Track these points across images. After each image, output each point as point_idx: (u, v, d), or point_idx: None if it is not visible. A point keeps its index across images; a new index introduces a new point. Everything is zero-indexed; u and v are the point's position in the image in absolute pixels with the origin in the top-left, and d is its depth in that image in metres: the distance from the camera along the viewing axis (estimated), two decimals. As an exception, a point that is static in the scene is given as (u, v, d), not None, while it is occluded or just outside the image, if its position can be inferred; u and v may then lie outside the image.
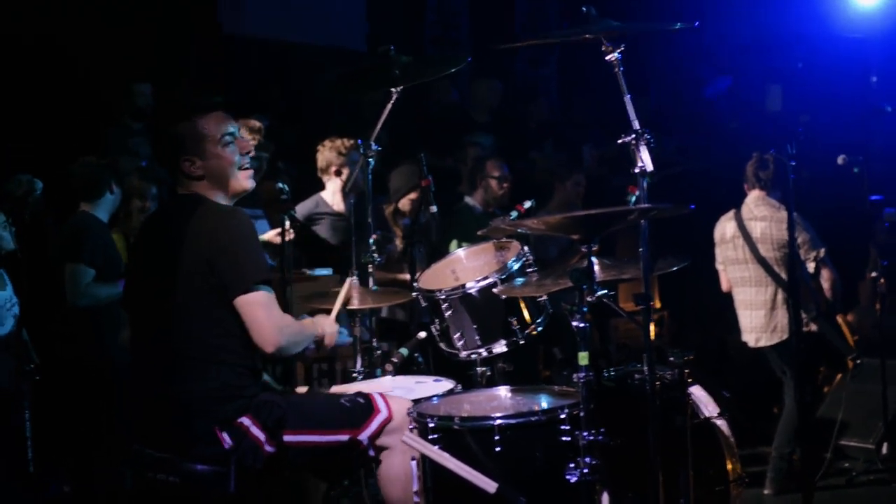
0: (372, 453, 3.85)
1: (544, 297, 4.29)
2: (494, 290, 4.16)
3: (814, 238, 6.37)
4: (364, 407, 3.84)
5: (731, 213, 6.56)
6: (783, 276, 6.30)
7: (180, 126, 3.80)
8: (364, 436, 3.80)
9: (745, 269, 6.45)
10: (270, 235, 6.01)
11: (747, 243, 6.39)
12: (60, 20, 7.43)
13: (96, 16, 7.68)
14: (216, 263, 3.59)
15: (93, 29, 7.59)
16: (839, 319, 6.75)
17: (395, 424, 3.81)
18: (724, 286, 6.67)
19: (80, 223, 6.06)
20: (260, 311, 3.61)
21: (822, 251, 6.39)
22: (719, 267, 6.67)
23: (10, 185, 5.63)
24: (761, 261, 6.35)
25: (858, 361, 6.71)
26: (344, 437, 3.78)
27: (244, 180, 3.89)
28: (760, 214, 6.39)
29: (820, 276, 6.45)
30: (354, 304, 4.85)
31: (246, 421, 3.64)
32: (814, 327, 6.37)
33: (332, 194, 6.62)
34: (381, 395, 3.92)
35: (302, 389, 4.37)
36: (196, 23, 8.84)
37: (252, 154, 3.95)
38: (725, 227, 6.56)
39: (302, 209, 6.54)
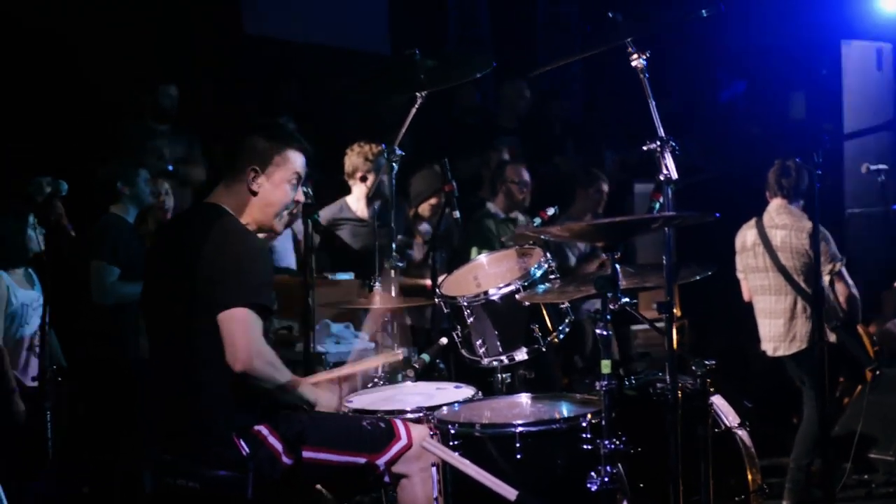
0: (388, 479, 3.84)
1: (566, 305, 4.28)
2: (517, 297, 4.15)
3: (832, 251, 6.33)
4: (384, 432, 3.83)
5: (752, 222, 6.53)
6: (803, 285, 6.27)
7: (272, 143, 3.85)
8: (381, 461, 3.79)
9: (765, 277, 6.42)
10: None
11: (767, 251, 6.36)
12: (80, 20, 7.45)
13: (116, 16, 7.70)
14: (218, 276, 3.59)
15: (113, 29, 7.60)
16: (860, 330, 6.71)
17: (414, 452, 3.80)
18: (746, 295, 6.64)
19: (104, 223, 6.19)
20: (239, 329, 3.55)
21: (839, 265, 6.34)
22: (740, 275, 6.64)
23: (31, 188, 5.66)
24: (781, 269, 6.32)
25: (878, 373, 6.67)
26: (361, 460, 3.77)
27: (279, 224, 3.95)
28: (781, 223, 6.36)
29: (835, 290, 6.41)
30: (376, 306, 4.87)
31: (263, 430, 3.64)
32: (833, 338, 6.34)
33: (356, 200, 6.62)
34: (403, 421, 3.91)
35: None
36: (217, 23, 8.85)
37: (301, 202, 4.05)
38: (746, 236, 6.53)
39: (326, 213, 6.54)
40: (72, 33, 7.36)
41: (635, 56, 3.79)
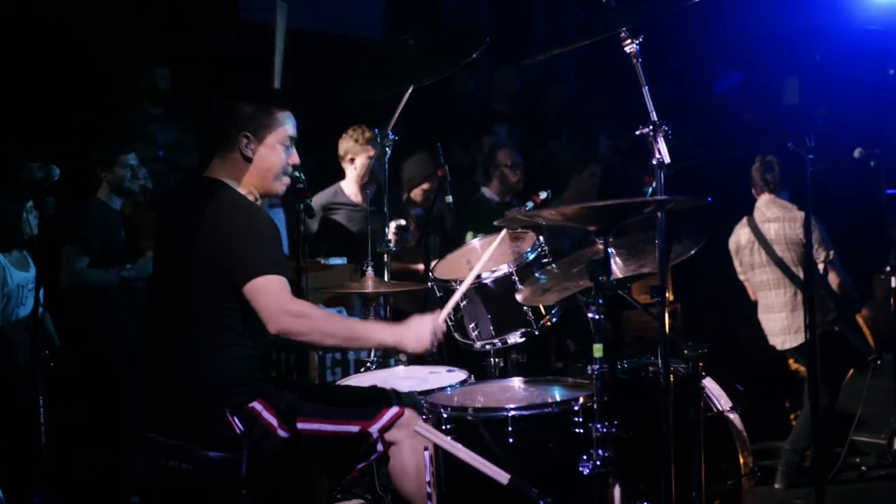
0: (381, 447, 3.83)
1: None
2: (518, 297, 4.15)
3: (824, 238, 6.35)
4: (377, 400, 3.86)
5: (743, 221, 6.57)
6: (801, 276, 6.29)
7: (257, 105, 3.84)
8: (374, 428, 3.79)
9: (763, 272, 6.45)
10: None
11: (763, 247, 6.39)
12: (76, 4, 7.43)
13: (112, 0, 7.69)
14: (229, 251, 3.60)
15: (108, 13, 7.59)
16: (859, 320, 6.74)
17: (406, 419, 3.81)
18: (752, 295, 6.68)
19: (82, 209, 6.19)
20: (264, 296, 3.57)
21: (832, 253, 6.37)
22: (741, 277, 6.68)
23: (22, 173, 5.67)
24: (778, 262, 6.34)
25: (879, 362, 6.69)
26: (354, 429, 3.78)
27: (281, 185, 3.93)
28: (773, 216, 6.39)
29: (828, 278, 6.44)
30: (368, 291, 4.87)
31: (257, 406, 3.65)
32: (833, 328, 6.36)
33: (350, 184, 6.62)
34: (394, 390, 3.92)
35: None
36: (213, 9, 8.83)
37: (298, 163, 3.98)
38: (740, 235, 6.57)
39: (320, 198, 6.55)
40: (68, 18, 7.34)
41: (628, 41, 3.79)
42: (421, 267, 5.93)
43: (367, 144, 6.43)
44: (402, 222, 6.35)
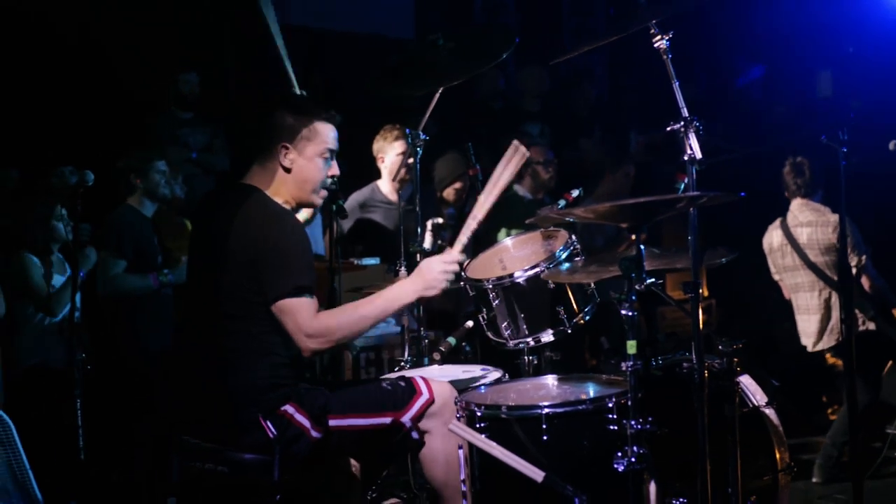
0: (415, 436, 3.87)
1: (592, 286, 4.28)
2: (542, 275, 4.15)
3: (858, 243, 6.33)
4: (406, 390, 3.87)
5: (777, 223, 6.56)
6: (835, 278, 6.27)
7: (300, 117, 3.83)
8: (406, 418, 3.82)
9: (796, 275, 6.44)
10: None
11: (795, 250, 6.38)
12: (100, 9, 7.49)
13: (139, 6, 7.73)
14: (259, 265, 3.62)
15: (134, 18, 7.64)
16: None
17: (437, 407, 3.84)
18: (786, 294, 6.68)
19: (115, 215, 6.22)
20: (288, 319, 3.63)
21: (864, 258, 6.32)
22: (775, 277, 6.68)
23: (54, 179, 5.73)
24: (811, 266, 6.34)
25: None
26: (387, 420, 3.81)
27: (318, 198, 3.96)
28: (805, 220, 6.38)
29: (860, 281, 6.39)
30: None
31: (289, 409, 3.67)
32: (871, 326, 6.32)
33: (385, 182, 6.66)
34: (423, 378, 3.94)
35: None
36: (240, 12, 8.87)
37: (337, 175, 4.00)
38: (773, 237, 6.56)
39: (358, 196, 6.61)
40: (96, 25, 7.40)
41: (658, 37, 3.78)
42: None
43: (395, 142, 6.47)
44: (440, 220, 6.36)
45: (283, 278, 3.62)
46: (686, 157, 3.68)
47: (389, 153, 6.54)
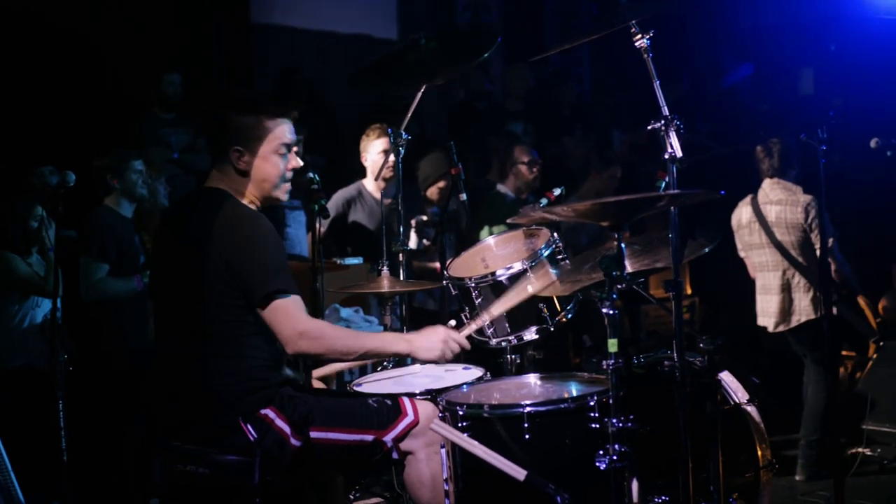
0: (395, 456, 3.84)
1: (574, 285, 4.28)
2: (529, 289, 4.15)
3: (825, 225, 6.27)
4: (391, 409, 3.84)
5: (747, 199, 6.55)
6: (800, 259, 6.28)
7: (246, 117, 3.77)
8: (389, 437, 3.80)
9: (762, 253, 6.43)
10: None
11: (763, 228, 6.36)
12: (86, 9, 7.47)
13: (122, 5, 7.72)
14: (236, 268, 3.60)
15: (119, 18, 7.63)
16: (861, 302, 6.69)
17: (421, 428, 3.81)
18: (751, 273, 6.66)
19: (95, 217, 6.12)
20: (281, 318, 3.61)
21: (831, 240, 6.30)
22: (742, 254, 6.67)
23: (35, 178, 5.69)
24: (777, 245, 6.31)
25: (881, 343, 6.65)
26: (368, 437, 3.78)
27: (283, 193, 3.89)
28: (776, 198, 6.37)
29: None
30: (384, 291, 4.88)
31: (270, 413, 3.65)
32: (834, 311, 6.30)
33: (370, 181, 6.67)
34: (410, 398, 3.92)
35: (318, 385, 4.38)
36: (224, 12, 8.87)
37: (298, 167, 3.93)
38: (741, 213, 6.55)
39: (344, 192, 6.62)
40: (79, 25, 7.39)
41: (639, 36, 3.80)
42: (437, 265, 5.93)
43: (377, 140, 6.49)
44: (424, 218, 6.39)
45: (268, 279, 3.60)
46: (667, 156, 3.69)
47: (371, 152, 6.56)
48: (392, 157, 5.14)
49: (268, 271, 3.61)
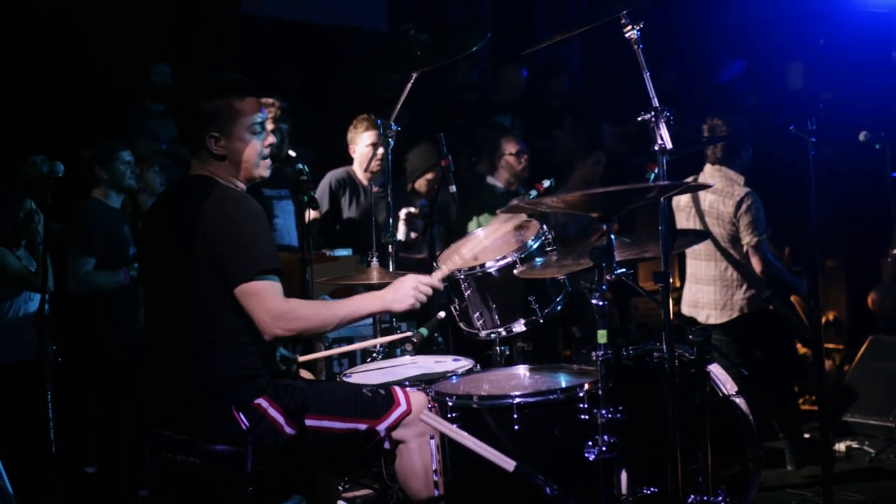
0: (387, 445, 3.85)
1: (563, 276, 4.29)
2: (515, 272, 4.15)
3: (758, 221, 6.05)
4: (384, 398, 3.85)
5: (689, 180, 6.37)
6: (732, 252, 6.11)
7: (215, 102, 3.76)
8: (382, 426, 3.80)
9: None
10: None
11: (697, 215, 6.19)
12: (78, 1, 7.45)
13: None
14: (220, 250, 3.59)
15: (108, 8, 7.60)
16: (794, 300, 6.71)
17: (413, 418, 3.81)
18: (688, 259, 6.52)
19: (82, 210, 6.10)
20: (254, 301, 3.58)
21: (763, 237, 6.04)
22: None
23: (26, 168, 5.66)
24: (710, 235, 6.17)
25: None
26: (362, 426, 3.79)
27: (264, 169, 3.88)
28: (713, 187, 6.18)
29: (751, 262, 6.20)
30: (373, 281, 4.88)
31: (263, 403, 3.65)
32: (770, 306, 6.24)
33: (358, 170, 6.67)
34: (402, 389, 3.93)
35: (307, 375, 4.37)
36: (214, 2, 8.85)
37: (274, 143, 3.94)
38: (681, 196, 6.29)
39: (333, 175, 6.62)
40: (70, 14, 7.36)
41: (629, 27, 3.80)
42: (425, 256, 5.94)
43: (365, 132, 6.49)
44: (413, 210, 6.38)
45: (246, 261, 3.59)
46: (656, 147, 3.69)
47: (360, 143, 6.55)
48: (381, 151, 5.12)
49: (246, 253, 3.59)
